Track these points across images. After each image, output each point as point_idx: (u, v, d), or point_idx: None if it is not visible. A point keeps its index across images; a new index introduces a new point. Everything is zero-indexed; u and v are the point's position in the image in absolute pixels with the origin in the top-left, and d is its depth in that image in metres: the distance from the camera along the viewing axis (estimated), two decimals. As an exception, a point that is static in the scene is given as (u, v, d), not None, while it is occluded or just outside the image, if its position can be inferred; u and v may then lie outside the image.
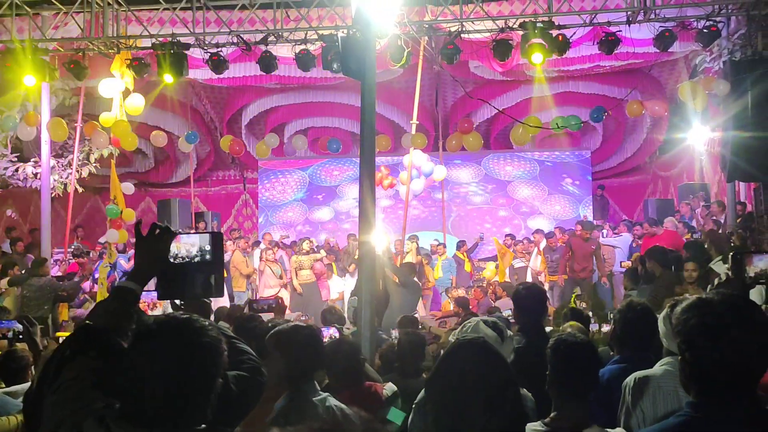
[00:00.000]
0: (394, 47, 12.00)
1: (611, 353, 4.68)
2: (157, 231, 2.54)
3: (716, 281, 6.49)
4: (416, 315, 9.21)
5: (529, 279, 14.21)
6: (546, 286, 14.05)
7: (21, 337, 4.02)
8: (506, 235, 16.27)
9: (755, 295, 5.68)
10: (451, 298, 14.00)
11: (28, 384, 4.69)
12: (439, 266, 14.99)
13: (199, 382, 1.99)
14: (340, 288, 14.52)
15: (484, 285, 13.86)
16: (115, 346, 2.20)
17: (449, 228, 18.34)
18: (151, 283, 2.60)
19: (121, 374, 1.99)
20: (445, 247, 15.73)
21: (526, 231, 18.37)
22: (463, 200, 19.84)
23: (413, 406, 3.72)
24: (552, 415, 3.21)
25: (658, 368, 3.67)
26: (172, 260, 2.62)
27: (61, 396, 2.07)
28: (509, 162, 19.93)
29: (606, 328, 7.47)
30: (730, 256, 3.85)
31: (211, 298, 2.89)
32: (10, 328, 3.98)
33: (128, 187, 14.25)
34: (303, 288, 13.97)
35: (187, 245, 2.69)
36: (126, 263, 14.41)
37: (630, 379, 3.65)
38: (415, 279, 11.04)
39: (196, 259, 2.69)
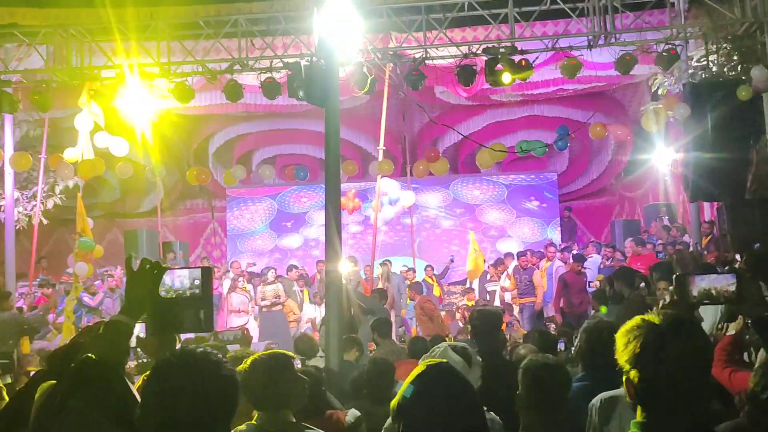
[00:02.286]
0: (359, 74, 12.07)
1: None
2: (148, 266, 2.58)
3: (660, 303, 6.58)
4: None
5: (498, 302, 14.23)
6: (515, 309, 14.12)
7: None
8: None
9: (710, 313, 5.76)
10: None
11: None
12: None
13: (222, 412, 2.06)
14: (312, 315, 14.45)
15: (453, 309, 13.89)
16: (116, 378, 2.26)
17: (418, 252, 18.37)
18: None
19: (143, 407, 2.03)
20: (414, 272, 15.74)
21: (495, 254, 18.46)
22: (432, 224, 19.91)
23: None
24: None
25: (624, 389, 3.68)
26: (163, 293, 2.64)
27: (73, 425, 2.10)
28: (477, 186, 20.06)
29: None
30: (673, 278, 3.93)
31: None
32: (-30, 364, 3.91)
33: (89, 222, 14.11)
34: (268, 317, 13.85)
35: (177, 278, 2.70)
36: (91, 300, 14.22)
37: (596, 400, 3.66)
38: (385, 306, 11.05)
39: (186, 293, 2.70)
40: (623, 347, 2.10)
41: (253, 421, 3.55)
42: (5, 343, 11.05)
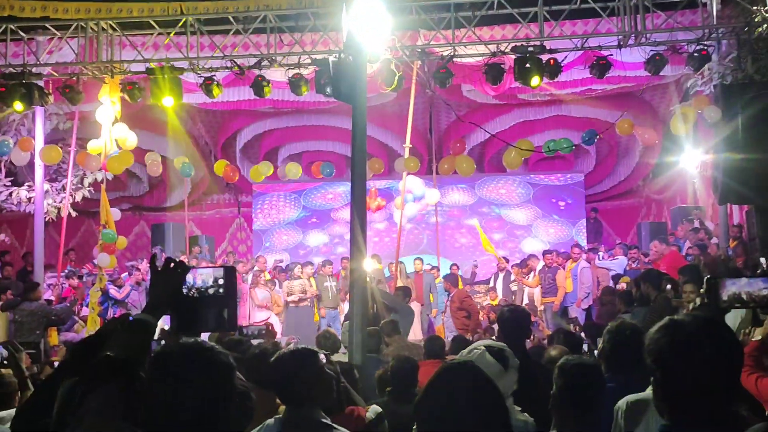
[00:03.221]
0: (387, 71, 12.06)
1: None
2: (172, 265, 2.60)
3: (691, 306, 6.52)
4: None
5: (521, 302, 14.19)
6: (540, 308, 14.08)
7: (6, 362, 3.98)
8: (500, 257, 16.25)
9: (730, 318, 5.68)
10: (443, 323, 14.05)
11: (14, 410, 4.67)
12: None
13: (222, 398, 2.10)
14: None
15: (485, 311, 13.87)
16: (136, 376, 2.25)
17: (442, 251, 18.32)
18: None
19: (146, 399, 2.06)
20: (439, 270, 15.71)
21: (521, 254, 18.37)
22: (457, 223, 19.84)
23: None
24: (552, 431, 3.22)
25: (651, 392, 3.64)
26: (186, 291, 2.66)
27: (88, 424, 2.10)
28: (503, 185, 19.97)
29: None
30: (704, 281, 3.88)
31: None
32: (-3, 353, 3.95)
33: (115, 213, 14.21)
34: (294, 312, 13.92)
35: (202, 276, 2.71)
36: (118, 293, 14.34)
37: (622, 403, 3.63)
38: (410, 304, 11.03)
39: (210, 291, 2.71)
40: (651, 348, 2.07)
41: (280, 416, 3.57)
42: (32, 333, 11.18)
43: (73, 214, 15.47)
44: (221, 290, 2.74)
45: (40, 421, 2.33)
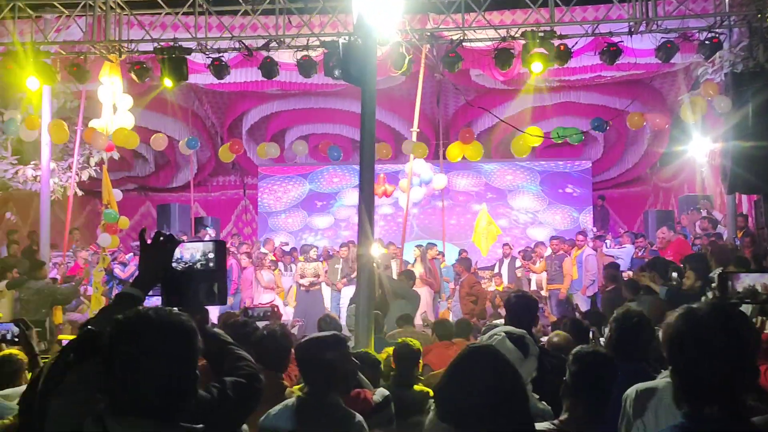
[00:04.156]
0: (396, 54, 11.98)
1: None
2: (161, 239, 2.60)
3: (703, 299, 6.50)
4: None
5: (533, 287, 14.18)
6: (545, 294, 14.07)
7: (17, 339, 3.98)
8: (504, 244, 16.22)
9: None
10: (449, 307, 14.03)
11: (22, 388, 4.68)
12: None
13: (183, 360, 2.05)
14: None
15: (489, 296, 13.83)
16: None
17: (447, 236, 18.30)
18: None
19: (108, 369, 2.01)
20: (444, 255, 15.69)
21: (526, 240, 18.36)
22: (463, 208, 19.81)
23: (432, 408, 3.73)
24: (562, 417, 3.21)
25: (661, 381, 3.62)
26: (175, 264, 2.65)
27: (64, 399, 2.10)
28: (510, 171, 19.92)
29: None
30: (716, 276, 3.88)
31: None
32: (8, 330, 3.94)
33: (117, 193, 14.21)
34: (305, 295, 13.95)
35: (190, 251, 2.70)
36: (122, 272, 14.38)
37: (631, 391, 3.60)
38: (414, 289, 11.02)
39: (199, 265, 2.71)
40: (669, 337, 2.05)
41: (298, 394, 3.60)
42: (38, 311, 11.18)
43: (79, 193, 15.47)
44: (211, 264, 2.74)
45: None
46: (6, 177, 15.14)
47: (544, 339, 6.13)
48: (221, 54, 12.22)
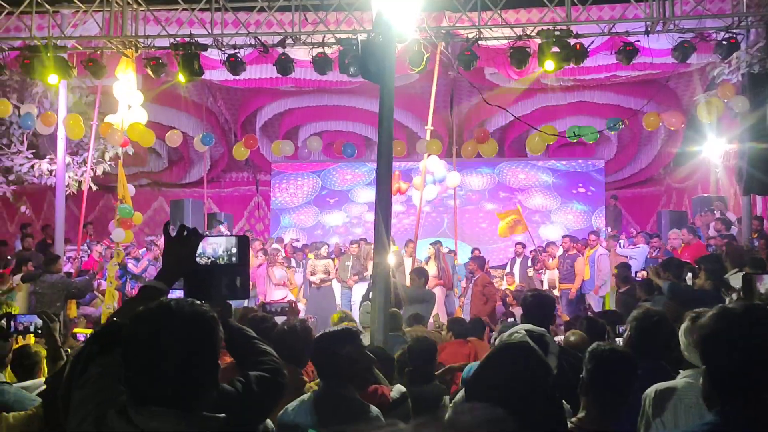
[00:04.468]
0: (414, 52, 11.96)
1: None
2: (185, 233, 2.61)
3: (727, 301, 6.47)
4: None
5: (545, 287, 14.16)
6: (556, 293, 14.04)
7: (40, 332, 4.01)
8: (516, 243, 16.21)
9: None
10: (461, 305, 14.03)
11: (41, 380, 4.72)
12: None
13: (203, 353, 2.07)
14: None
15: (499, 294, 13.84)
16: None
17: (459, 234, 18.29)
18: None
19: (129, 360, 2.04)
20: (456, 254, 15.68)
21: (538, 240, 18.32)
22: (476, 207, 19.79)
23: (451, 404, 3.75)
24: (580, 415, 3.22)
25: (680, 380, 3.63)
26: (198, 259, 2.67)
27: (87, 390, 2.12)
28: (523, 170, 19.89)
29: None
30: (741, 278, 3.86)
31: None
32: (31, 322, 3.97)
33: (130, 188, 14.26)
34: (316, 292, 13.98)
35: (213, 245, 2.72)
36: (135, 267, 14.42)
37: (651, 391, 3.61)
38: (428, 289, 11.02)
39: (222, 260, 2.72)
40: (703, 337, 2.05)
41: (314, 388, 3.62)
42: (53, 305, 11.22)
43: (94, 188, 15.53)
44: (234, 259, 2.77)
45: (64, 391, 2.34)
46: (22, 171, 15.23)
47: (558, 338, 6.13)
48: (237, 50, 12.24)
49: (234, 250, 2.77)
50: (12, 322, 3.90)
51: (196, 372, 2.04)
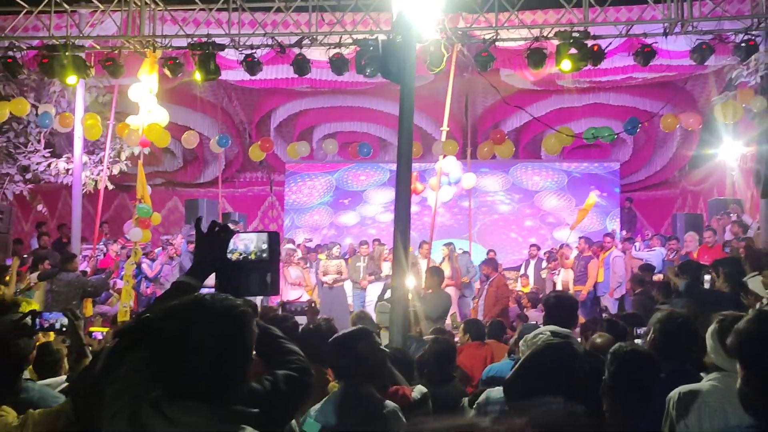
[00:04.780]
0: (436, 52, 11.93)
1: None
2: (216, 229, 2.61)
3: (758, 305, 6.41)
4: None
5: (559, 288, 14.10)
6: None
7: (64, 329, 4.03)
8: (531, 245, 16.18)
9: None
10: (475, 306, 14.00)
11: (63, 377, 4.74)
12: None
13: (237, 347, 2.06)
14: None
15: (513, 296, 13.82)
16: None
17: (475, 236, 18.27)
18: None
19: (162, 354, 2.04)
20: (470, 255, 15.65)
21: (552, 242, 18.27)
22: (490, 209, 19.75)
23: (474, 406, 3.76)
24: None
25: (705, 383, 3.60)
26: (229, 255, 2.66)
27: (119, 385, 2.11)
28: (537, 172, 19.83)
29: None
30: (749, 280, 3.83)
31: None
32: (57, 319, 3.99)
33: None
34: (328, 292, 14.00)
35: (244, 241, 2.72)
36: (150, 270, 14.46)
37: (675, 393, 3.58)
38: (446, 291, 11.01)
39: (253, 256, 2.73)
40: (742, 340, 2.04)
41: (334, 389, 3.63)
42: (69, 303, 11.24)
43: (110, 187, 15.60)
44: (265, 255, 2.75)
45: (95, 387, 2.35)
46: (39, 170, 15.32)
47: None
48: (254, 50, 12.26)
49: (265, 247, 2.75)
50: (37, 320, 3.90)
51: (229, 366, 2.04)
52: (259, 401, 2.35)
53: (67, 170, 15.01)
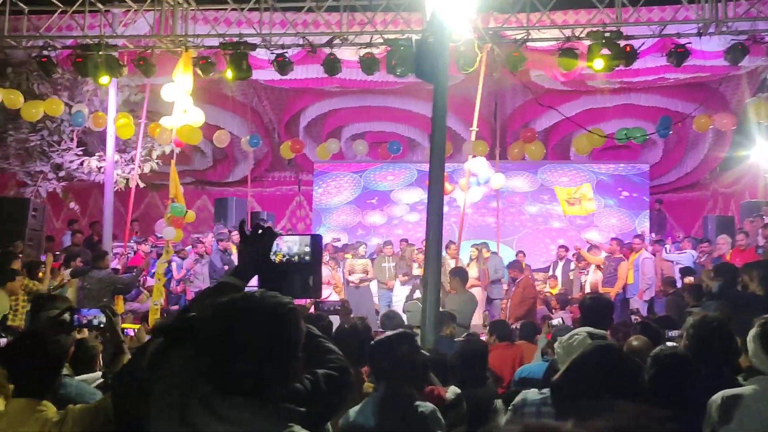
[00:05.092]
0: (461, 53, 11.89)
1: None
2: (260, 231, 2.64)
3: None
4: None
5: (587, 290, 14.00)
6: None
7: (102, 326, 4.06)
8: (560, 246, 16.09)
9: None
10: (503, 307, 13.95)
11: (99, 373, 4.78)
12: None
13: (285, 343, 2.07)
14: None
15: (541, 297, 13.76)
16: None
17: (503, 237, 18.18)
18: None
19: (211, 350, 2.04)
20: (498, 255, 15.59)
21: (581, 244, 18.13)
22: (518, 210, 19.65)
23: (510, 407, 3.75)
24: None
25: (748, 388, 3.56)
26: (272, 257, 2.69)
27: (166, 382, 2.13)
28: (566, 173, 19.68)
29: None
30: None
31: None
32: (95, 316, 4.02)
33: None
34: (354, 292, 14.02)
35: (287, 243, 2.74)
36: (177, 272, 14.51)
37: (717, 397, 3.55)
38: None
39: (296, 258, 2.74)
40: None
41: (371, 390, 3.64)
42: (100, 300, 11.36)
43: (141, 185, 15.72)
44: (308, 258, 2.77)
45: (136, 385, 2.37)
46: (71, 168, 15.48)
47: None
48: (285, 50, 12.30)
49: (308, 249, 2.78)
50: (75, 316, 3.94)
51: (277, 364, 2.04)
52: (300, 400, 2.35)
53: (99, 168, 15.14)
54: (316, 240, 2.82)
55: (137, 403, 2.34)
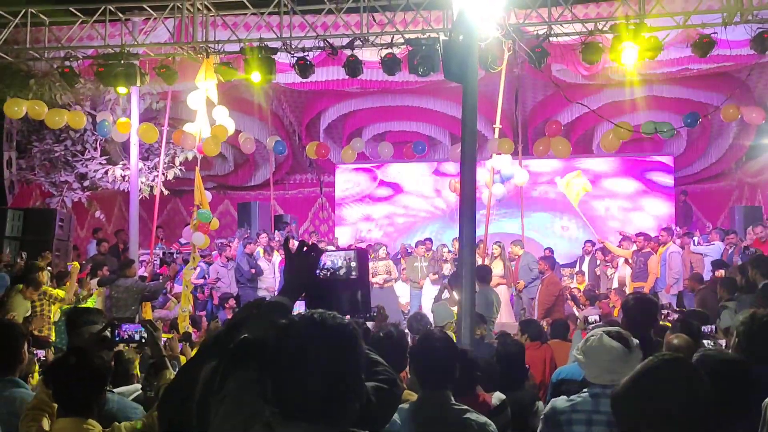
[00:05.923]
0: (496, 50, 11.80)
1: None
2: (305, 248, 2.60)
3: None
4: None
5: (615, 285, 13.85)
6: (628, 291, 13.73)
7: (144, 341, 4.05)
8: (586, 241, 15.96)
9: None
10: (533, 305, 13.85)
11: (137, 386, 4.78)
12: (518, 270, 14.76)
13: (350, 365, 2.04)
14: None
15: (567, 293, 13.65)
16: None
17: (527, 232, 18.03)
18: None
19: (274, 374, 2.02)
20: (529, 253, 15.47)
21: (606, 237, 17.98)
22: (543, 205, 19.49)
23: (542, 417, 3.69)
24: None
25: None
26: (318, 272, 2.65)
27: (229, 406, 2.11)
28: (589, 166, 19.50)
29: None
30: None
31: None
32: (135, 331, 4.01)
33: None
34: (379, 293, 13.97)
35: (332, 258, 2.69)
36: (195, 279, 14.51)
37: (773, 398, 3.46)
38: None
39: (341, 272, 2.68)
40: None
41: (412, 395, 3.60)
42: (128, 308, 11.44)
43: (165, 192, 15.77)
44: (353, 273, 2.72)
45: (185, 403, 2.35)
46: (96, 177, 15.55)
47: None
48: (306, 53, 12.27)
49: (354, 264, 2.73)
50: (117, 331, 3.93)
51: (344, 385, 2.01)
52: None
53: (123, 177, 15.20)
54: (362, 255, 2.78)
55: (188, 422, 2.32)
